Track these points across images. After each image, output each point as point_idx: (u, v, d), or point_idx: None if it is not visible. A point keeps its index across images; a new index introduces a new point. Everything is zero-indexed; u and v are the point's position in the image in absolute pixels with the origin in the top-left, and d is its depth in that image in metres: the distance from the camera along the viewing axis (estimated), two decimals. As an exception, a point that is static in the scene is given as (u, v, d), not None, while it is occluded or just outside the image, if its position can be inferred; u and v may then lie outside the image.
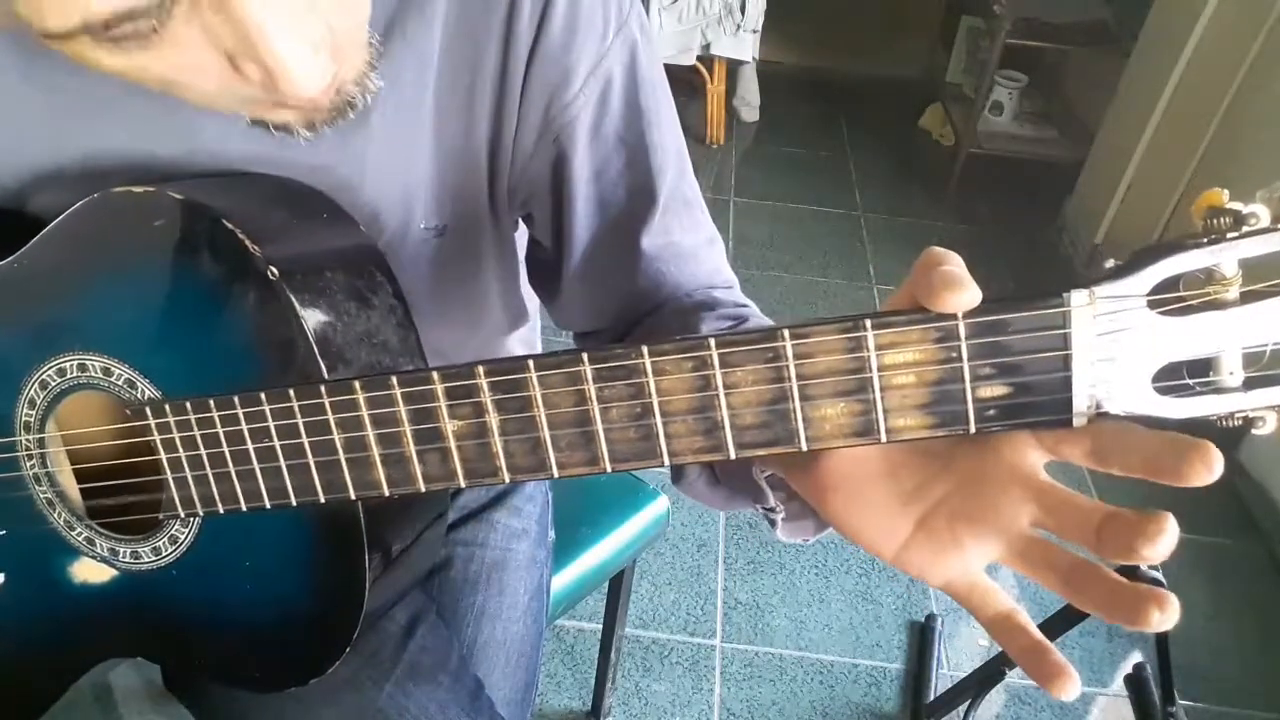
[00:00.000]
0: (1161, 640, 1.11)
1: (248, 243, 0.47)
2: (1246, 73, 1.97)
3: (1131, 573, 1.02)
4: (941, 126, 3.13)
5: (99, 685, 1.05)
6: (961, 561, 0.39)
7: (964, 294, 0.34)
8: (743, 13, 2.68)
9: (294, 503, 0.46)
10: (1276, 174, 1.90)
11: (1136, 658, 1.52)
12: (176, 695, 0.74)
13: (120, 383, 0.52)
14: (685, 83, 2.87)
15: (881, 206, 2.79)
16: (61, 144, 0.55)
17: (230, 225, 0.47)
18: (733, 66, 2.95)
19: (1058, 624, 1.18)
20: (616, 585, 1.16)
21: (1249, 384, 0.34)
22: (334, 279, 0.50)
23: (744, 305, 0.64)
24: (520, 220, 0.70)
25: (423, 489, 0.42)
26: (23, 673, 0.64)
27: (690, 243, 0.65)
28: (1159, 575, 1.02)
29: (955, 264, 0.35)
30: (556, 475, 0.40)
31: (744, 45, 2.76)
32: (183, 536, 0.54)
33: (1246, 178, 2.00)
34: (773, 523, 0.52)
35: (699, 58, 2.77)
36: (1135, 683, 1.18)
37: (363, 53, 0.49)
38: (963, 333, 0.34)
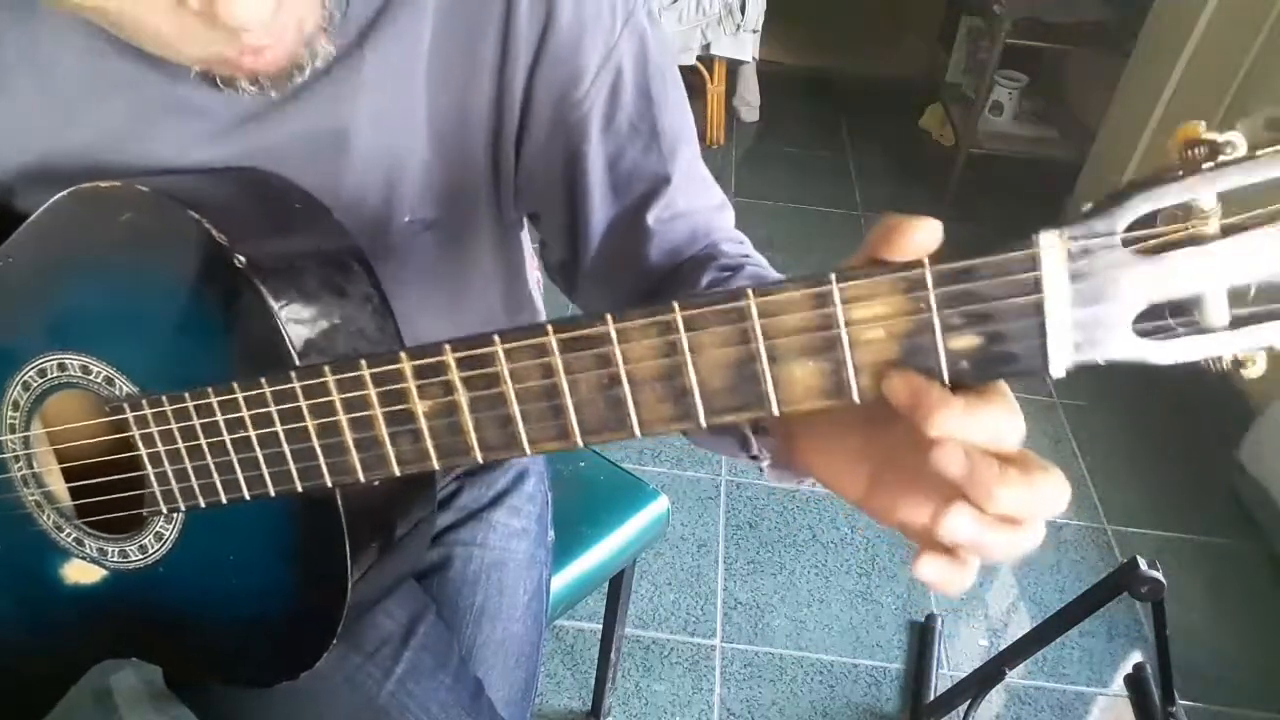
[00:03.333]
0: (1161, 640, 1.11)
1: (214, 232, 0.47)
2: (1246, 73, 1.96)
3: (1131, 570, 1.02)
4: (941, 126, 3.13)
5: (99, 688, 1.05)
6: (908, 509, 0.39)
7: (923, 227, 0.33)
8: (743, 13, 2.68)
9: (272, 492, 0.45)
10: (1276, 174, 1.90)
11: (1136, 658, 1.52)
12: (178, 695, 0.74)
13: (99, 380, 0.52)
14: (685, 83, 2.86)
15: (881, 206, 2.79)
16: (56, 142, 0.55)
17: (196, 215, 0.47)
18: (733, 66, 2.95)
19: (1058, 624, 1.18)
20: (616, 585, 1.16)
21: (1235, 322, 0.32)
22: (306, 268, 0.50)
23: (747, 256, 0.64)
24: (526, 220, 0.70)
25: (397, 472, 0.42)
26: (20, 676, 0.64)
27: (699, 208, 0.65)
28: (1159, 575, 1.02)
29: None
30: (529, 452, 0.39)
31: (744, 45, 2.76)
32: (167, 533, 0.54)
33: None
34: (760, 468, 0.52)
35: (699, 58, 2.77)
36: (1135, 683, 1.18)
37: (315, 12, 0.50)
38: (929, 281, 0.33)
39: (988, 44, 2.74)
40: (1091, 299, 0.32)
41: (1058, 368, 0.33)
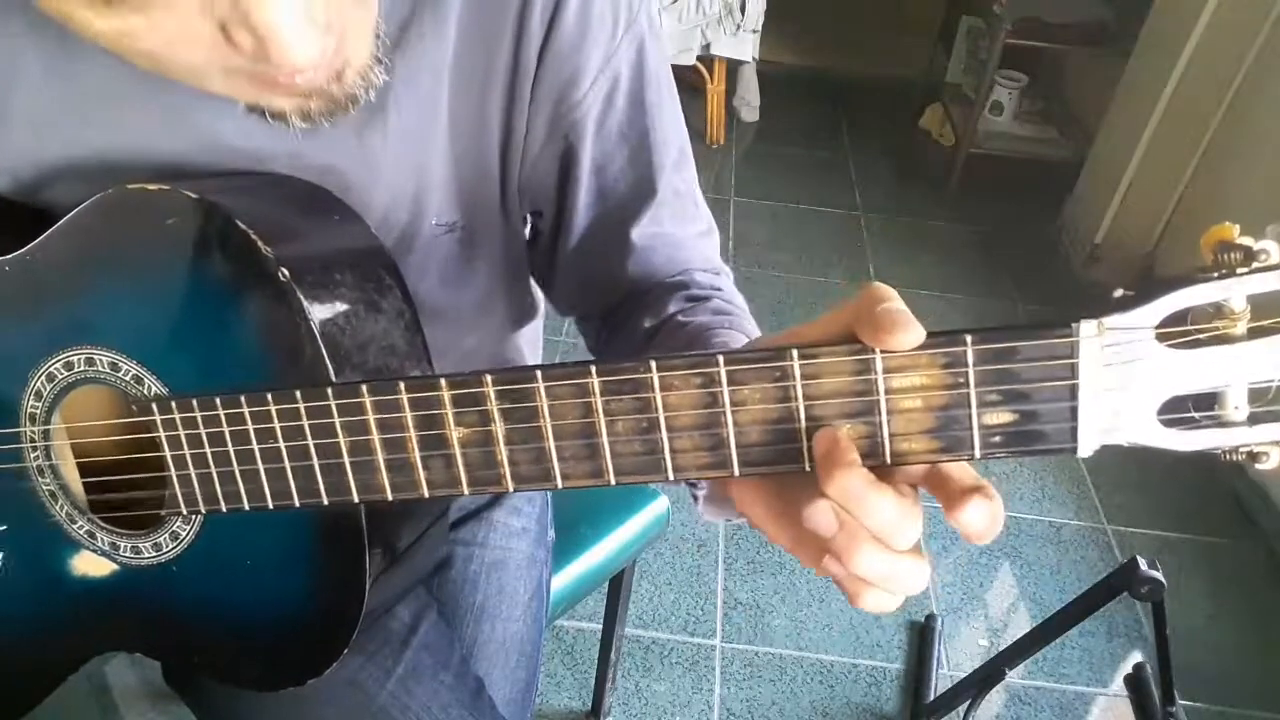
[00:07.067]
0: (1161, 640, 1.11)
1: (259, 243, 0.47)
2: (1246, 73, 1.97)
3: (1131, 570, 1.02)
4: (941, 126, 3.13)
5: (97, 684, 1.05)
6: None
7: (909, 334, 0.34)
8: (743, 13, 2.68)
9: (297, 504, 0.45)
10: (1276, 174, 1.90)
11: (1136, 658, 1.52)
12: (178, 691, 0.74)
13: (127, 378, 0.52)
14: (685, 83, 2.85)
15: (881, 206, 2.79)
16: (79, 139, 0.55)
17: (243, 225, 0.47)
18: (733, 66, 2.95)
19: (1058, 624, 1.18)
20: (616, 585, 1.16)
21: (1254, 419, 0.34)
22: (344, 281, 0.50)
23: (718, 289, 0.64)
24: (528, 217, 0.70)
25: (426, 495, 0.42)
26: (18, 665, 0.64)
27: (682, 234, 0.65)
28: (1159, 575, 1.02)
29: (899, 302, 0.35)
30: (560, 486, 0.40)
31: (744, 45, 2.76)
32: (184, 533, 0.54)
33: (1246, 177, 2.00)
34: (695, 498, 0.52)
35: (699, 58, 2.77)
36: (1135, 683, 1.18)
37: (368, 43, 0.49)
38: (970, 359, 0.34)
39: (988, 44, 2.74)
40: (1122, 386, 0.34)
41: (1085, 448, 0.35)
